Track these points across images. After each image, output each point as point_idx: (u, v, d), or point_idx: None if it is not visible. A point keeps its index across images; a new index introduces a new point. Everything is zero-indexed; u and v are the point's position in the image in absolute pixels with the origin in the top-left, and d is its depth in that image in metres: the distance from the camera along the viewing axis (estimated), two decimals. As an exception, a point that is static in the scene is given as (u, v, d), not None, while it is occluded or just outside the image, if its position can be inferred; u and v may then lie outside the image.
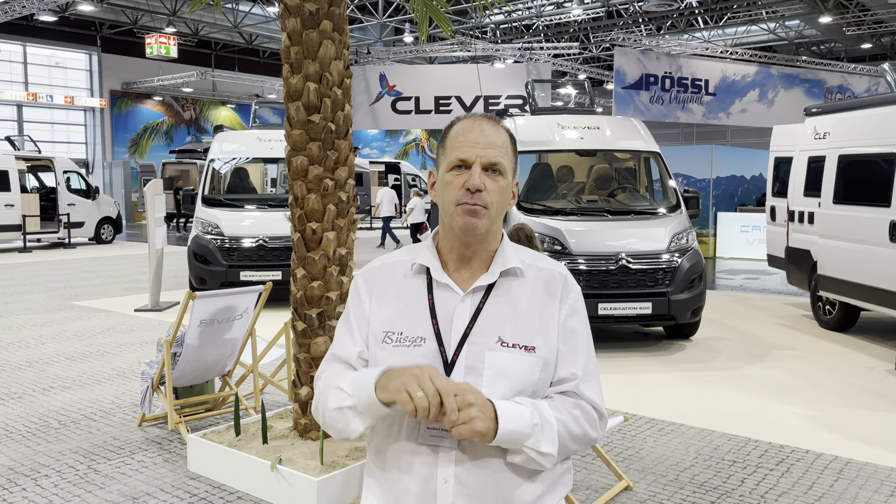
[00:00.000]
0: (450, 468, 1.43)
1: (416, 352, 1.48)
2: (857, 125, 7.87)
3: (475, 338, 1.47)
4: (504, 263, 1.53)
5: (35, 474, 4.30)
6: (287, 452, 4.08)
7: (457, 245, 1.52)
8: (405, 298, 1.53)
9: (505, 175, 1.50)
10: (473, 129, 1.50)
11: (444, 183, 1.50)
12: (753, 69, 23.19)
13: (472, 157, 1.47)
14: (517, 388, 1.45)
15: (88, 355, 7.22)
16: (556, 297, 1.53)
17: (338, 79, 4.27)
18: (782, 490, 4.07)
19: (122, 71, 31.54)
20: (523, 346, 1.47)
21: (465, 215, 1.47)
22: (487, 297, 1.50)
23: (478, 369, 1.45)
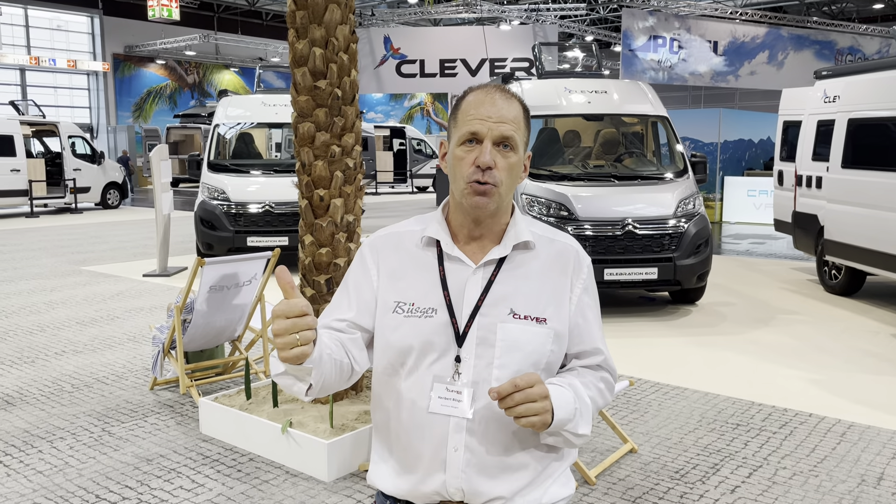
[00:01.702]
0: (460, 437, 1.44)
1: (427, 322, 1.47)
2: (868, 88, 7.78)
3: (487, 310, 1.47)
4: (516, 237, 1.52)
5: (51, 437, 4.39)
6: (297, 416, 4.15)
7: (467, 221, 1.52)
8: (416, 269, 1.52)
9: (516, 150, 1.48)
10: (485, 102, 1.47)
11: (456, 158, 1.48)
12: (763, 30, 22.85)
13: (484, 132, 1.45)
14: (530, 359, 1.46)
15: (99, 320, 7.30)
16: (567, 271, 1.54)
17: (344, 44, 4.24)
18: (785, 453, 4.13)
19: (125, 34, 31.27)
20: (535, 318, 1.47)
21: (475, 195, 1.45)
22: (499, 270, 1.50)
23: (490, 341, 1.45)
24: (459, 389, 1.44)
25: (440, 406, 1.45)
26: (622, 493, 3.67)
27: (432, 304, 1.48)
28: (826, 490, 3.68)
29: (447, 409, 1.44)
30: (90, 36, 31.18)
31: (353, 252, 4.40)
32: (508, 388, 1.32)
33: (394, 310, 1.51)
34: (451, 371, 1.45)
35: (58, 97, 30.49)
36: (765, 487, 3.72)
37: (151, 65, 32.50)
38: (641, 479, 3.81)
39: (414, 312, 1.49)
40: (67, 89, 30.96)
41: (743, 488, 3.71)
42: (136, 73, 32.07)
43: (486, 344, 1.45)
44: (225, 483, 3.79)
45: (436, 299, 1.48)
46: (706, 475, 3.86)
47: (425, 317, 1.48)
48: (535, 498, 1.50)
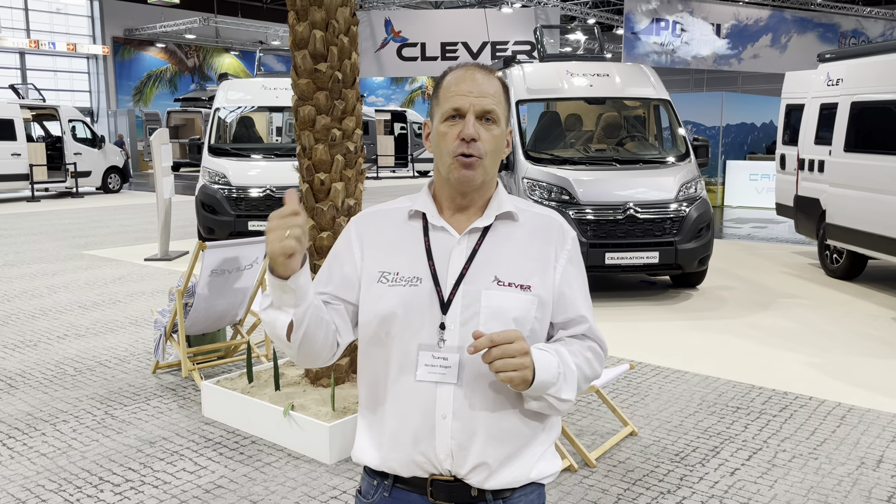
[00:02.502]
0: (448, 404, 1.45)
1: (411, 291, 1.49)
2: (871, 71, 7.74)
3: (471, 277, 1.49)
4: (499, 208, 1.55)
5: (54, 419, 4.42)
6: (299, 399, 4.17)
7: (453, 195, 1.55)
8: (401, 241, 1.55)
9: (498, 123, 1.52)
10: (466, 79, 1.51)
11: (439, 134, 1.52)
12: (766, 13, 22.68)
13: (466, 106, 1.49)
14: (514, 326, 1.47)
15: (101, 304, 7.32)
16: (552, 242, 1.56)
17: (344, 26, 4.22)
18: (785, 436, 4.15)
19: (124, 17, 31.10)
20: (519, 285, 1.49)
21: (462, 168, 1.49)
22: (483, 238, 1.53)
23: (474, 308, 1.47)
24: (446, 356, 1.46)
25: (427, 373, 1.46)
26: (622, 475, 3.69)
27: (417, 273, 1.50)
28: (825, 472, 3.70)
29: (435, 377, 1.46)
30: (90, 19, 31.01)
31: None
32: (485, 343, 1.35)
33: (378, 279, 1.52)
34: (436, 338, 1.47)
35: (58, 81, 30.38)
36: (764, 470, 3.74)
37: (151, 48, 32.35)
38: (641, 462, 3.83)
39: (398, 281, 1.51)
40: (67, 73, 30.85)
41: (742, 471, 3.73)
42: (136, 56, 31.93)
43: (471, 311, 1.47)
44: (227, 465, 3.81)
45: (421, 268, 1.51)
46: (706, 458, 3.88)
47: (410, 285, 1.50)
48: (522, 473, 1.51)
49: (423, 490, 1.49)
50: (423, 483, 1.49)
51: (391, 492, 1.52)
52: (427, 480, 1.48)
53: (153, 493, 3.53)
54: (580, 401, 4.64)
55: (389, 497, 1.52)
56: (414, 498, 1.50)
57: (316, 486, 3.59)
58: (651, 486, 3.57)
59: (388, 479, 1.52)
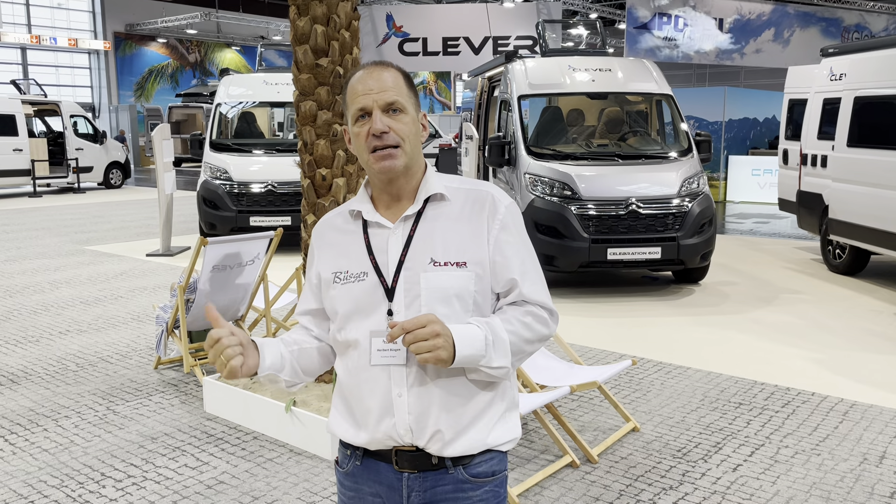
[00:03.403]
0: (402, 383, 1.56)
1: (361, 286, 1.60)
2: (875, 66, 7.71)
3: (410, 263, 1.58)
4: (427, 191, 1.62)
5: (56, 415, 4.42)
6: (301, 395, 4.17)
7: (383, 187, 1.63)
8: (347, 242, 1.66)
9: (406, 111, 1.59)
10: (365, 78, 1.60)
11: (355, 136, 1.61)
12: (769, 7, 22.61)
13: (370, 104, 1.57)
14: (455, 303, 1.56)
15: (103, 299, 7.32)
16: (483, 214, 1.61)
17: (345, 21, 4.20)
18: (787, 431, 4.15)
19: (125, 12, 31.06)
20: (455, 263, 1.57)
21: (381, 160, 1.57)
22: (417, 224, 1.61)
23: (415, 291, 1.57)
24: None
25: (380, 358, 1.57)
26: (624, 471, 3.68)
27: (362, 269, 1.61)
28: (828, 469, 3.70)
29: (387, 360, 1.57)
30: (91, 14, 30.98)
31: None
32: (397, 333, 1.45)
33: (333, 280, 1.65)
34: (384, 325, 1.57)
35: (59, 76, 30.37)
36: (767, 466, 3.73)
37: (153, 43, 32.32)
38: (643, 458, 3.83)
39: (349, 279, 1.62)
40: (69, 68, 30.83)
41: (745, 467, 3.72)
42: (137, 51, 31.90)
43: (412, 294, 1.57)
44: (229, 461, 3.81)
45: (365, 263, 1.62)
46: (708, 454, 3.88)
47: (358, 281, 1.61)
48: (478, 439, 1.60)
49: (389, 460, 1.62)
50: (389, 454, 1.62)
51: (362, 461, 1.66)
52: (392, 451, 1.61)
53: (155, 488, 3.54)
54: (582, 396, 4.63)
55: (361, 465, 1.67)
56: (382, 466, 1.63)
57: (318, 481, 3.59)
58: (653, 482, 3.57)
59: (358, 450, 1.66)
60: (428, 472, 1.60)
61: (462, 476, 1.61)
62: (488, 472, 1.63)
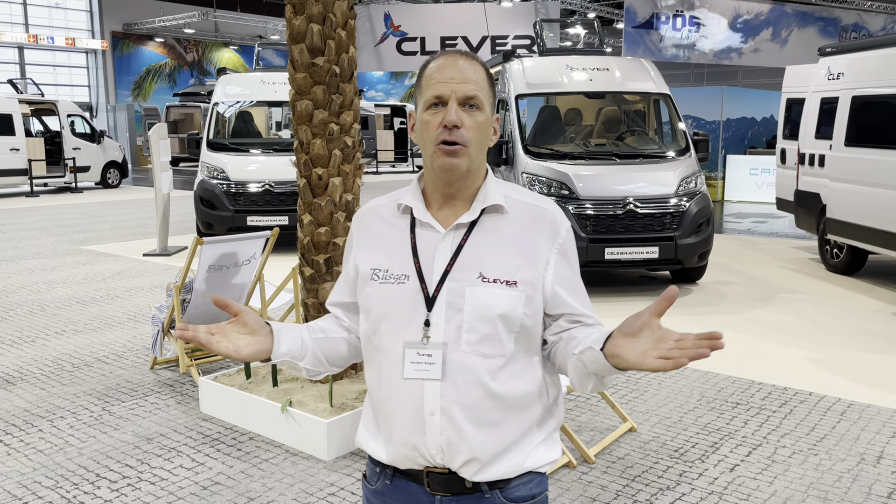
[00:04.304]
0: (435, 400, 1.45)
1: (399, 289, 1.50)
2: (872, 65, 7.70)
3: (456, 274, 1.48)
4: (486, 200, 1.52)
5: (51, 416, 4.40)
6: (297, 395, 4.15)
7: (439, 185, 1.53)
8: (391, 238, 1.55)
9: (482, 110, 1.48)
10: (448, 66, 1.48)
11: (423, 123, 1.49)
12: (767, 7, 22.61)
13: (448, 93, 1.46)
14: (500, 322, 1.46)
15: (99, 299, 7.30)
16: (542, 234, 1.52)
17: (342, 20, 4.19)
18: (785, 431, 4.14)
19: (123, 11, 31.00)
20: (505, 281, 1.47)
21: (445, 156, 1.46)
22: (469, 233, 1.51)
23: (458, 305, 1.46)
24: (430, 352, 1.46)
25: (413, 371, 1.47)
26: (621, 471, 3.67)
27: (404, 271, 1.51)
28: (825, 468, 3.69)
29: (420, 374, 1.46)
30: (88, 14, 30.91)
31: (352, 231, 4.38)
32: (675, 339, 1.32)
33: (371, 277, 1.54)
34: (420, 335, 1.47)
35: (57, 76, 30.30)
36: (764, 466, 3.72)
37: (150, 43, 32.25)
38: (641, 458, 3.82)
39: (388, 279, 1.52)
40: (66, 68, 30.76)
41: (742, 467, 3.72)
42: (134, 51, 31.84)
43: (455, 308, 1.47)
44: (225, 462, 3.80)
45: (407, 266, 1.51)
46: (705, 454, 3.87)
47: (398, 283, 1.51)
48: (516, 462, 1.50)
49: (420, 481, 1.51)
50: (420, 474, 1.51)
51: (392, 480, 1.55)
52: (423, 472, 1.50)
53: (150, 489, 3.52)
54: (579, 397, 4.62)
55: (391, 485, 1.56)
56: (413, 487, 1.53)
57: (314, 482, 3.57)
58: (650, 483, 3.56)
59: (388, 468, 1.55)
60: (463, 495, 1.49)
61: (500, 500, 1.50)
62: (527, 496, 1.52)
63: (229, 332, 1.48)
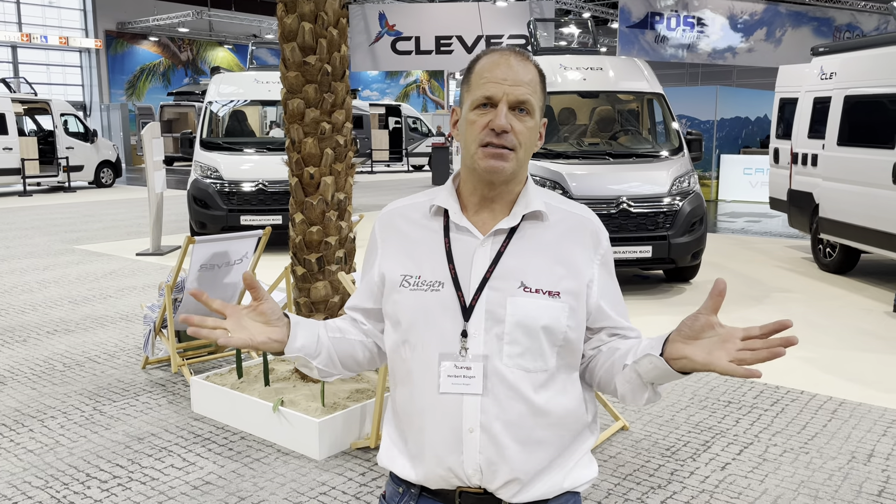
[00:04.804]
0: (475, 416, 1.37)
1: (433, 297, 1.41)
2: (865, 65, 7.73)
3: (496, 283, 1.39)
4: (527, 206, 1.44)
5: (41, 415, 4.38)
6: (289, 394, 4.14)
7: (479, 187, 1.44)
8: (422, 241, 1.46)
9: (533, 115, 1.40)
10: (500, 65, 1.40)
11: (468, 122, 1.41)
12: (761, 7, 22.65)
13: (499, 95, 1.38)
14: (543, 334, 1.39)
15: (91, 299, 7.27)
16: (585, 244, 1.46)
17: (333, 18, 4.18)
18: (776, 430, 4.14)
19: (117, 10, 30.91)
20: (548, 292, 1.39)
21: (490, 159, 1.38)
22: (509, 240, 1.42)
23: (499, 315, 1.38)
24: (469, 365, 1.37)
25: (451, 385, 1.38)
26: (613, 470, 3.67)
27: (439, 278, 1.42)
28: (816, 467, 3.70)
29: (458, 388, 1.37)
30: (82, 12, 30.81)
31: (345, 230, 4.38)
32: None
33: (401, 283, 1.45)
34: (457, 347, 1.38)
35: (50, 75, 30.20)
36: (755, 464, 3.73)
37: (144, 42, 32.17)
38: (632, 457, 3.82)
39: (420, 286, 1.43)
40: (60, 67, 30.65)
41: (733, 465, 3.72)
42: (128, 50, 31.75)
43: (495, 318, 1.38)
44: (216, 462, 3.78)
45: (442, 272, 1.42)
46: (697, 452, 3.87)
47: (432, 290, 1.41)
48: (556, 482, 1.43)
49: (450, 501, 1.43)
50: (451, 495, 1.43)
51: (417, 501, 1.47)
52: (455, 492, 1.42)
53: (141, 489, 3.51)
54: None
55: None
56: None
57: (305, 481, 3.57)
58: (642, 481, 3.56)
59: (414, 487, 1.46)
60: None
61: None
62: None
63: (243, 317, 1.40)
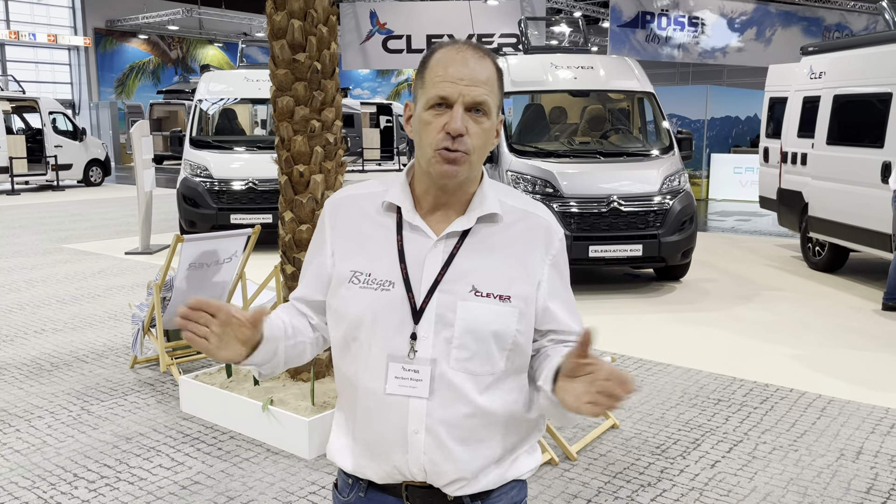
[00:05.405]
0: (420, 419, 1.37)
1: (382, 296, 1.39)
2: (853, 64, 7.76)
3: (447, 286, 1.37)
4: (482, 208, 1.41)
5: (28, 415, 4.34)
6: (278, 393, 4.12)
7: (433, 189, 1.41)
8: (374, 237, 1.43)
9: (490, 115, 1.36)
10: (456, 62, 1.34)
11: (423, 122, 1.36)
12: (751, 6, 22.74)
13: (455, 96, 1.33)
14: (492, 340, 1.38)
15: (79, 298, 7.22)
16: (537, 246, 1.44)
17: (323, 16, 4.16)
18: (765, 427, 4.16)
19: (106, 8, 30.72)
20: (498, 296, 1.37)
21: (444, 164, 1.35)
22: (462, 243, 1.40)
23: (449, 319, 1.36)
24: (417, 368, 1.37)
25: (398, 387, 1.37)
26: (603, 468, 3.67)
27: (390, 277, 1.39)
28: (805, 464, 3.71)
29: (405, 390, 1.37)
30: (71, 10, 30.61)
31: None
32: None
33: (350, 279, 1.42)
34: (406, 349, 1.37)
35: (39, 73, 29.98)
36: (745, 462, 3.74)
37: (134, 40, 31.99)
38: (623, 455, 3.82)
39: (370, 284, 1.40)
40: (48, 64, 30.45)
41: (723, 463, 3.73)
42: (118, 48, 31.56)
43: (445, 322, 1.36)
44: (205, 461, 3.76)
45: (393, 272, 1.39)
46: (687, 450, 3.88)
47: (381, 289, 1.39)
48: (499, 475, 1.44)
49: (398, 494, 1.44)
50: (398, 488, 1.44)
51: (366, 493, 1.47)
52: (402, 486, 1.43)
53: (128, 489, 3.48)
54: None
55: (365, 497, 1.48)
56: (390, 501, 1.45)
57: (294, 481, 3.55)
58: (632, 479, 3.56)
59: (362, 481, 1.47)
60: None
61: None
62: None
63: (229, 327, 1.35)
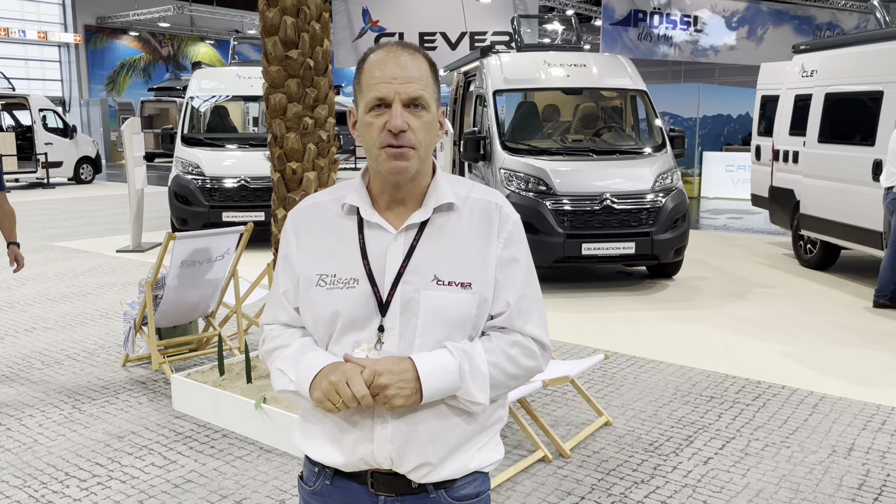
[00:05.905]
0: (385, 411, 1.42)
1: (349, 293, 1.44)
2: (845, 63, 7.79)
3: (409, 277, 1.43)
4: (437, 199, 1.47)
5: (19, 414, 4.32)
6: (271, 392, 4.11)
7: (387, 187, 1.47)
8: (336, 239, 1.49)
9: (429, 109, 1.42)
10: (389, 63, 1.41)
11: (365, 125, 1.43)
12: (743, 5, 22.80)
13: (391, 95, 1.39)
14: (455, 326, 1.43)
15: (70, 296, 7.18)
16: (492, 231, 1.48)
17: (316, 12, 4.15)
18: (758, 424, 4.17)
19: (97, 4, 30.54)
20: (459, 283, 1.43)
21: (392, 160, 1.41)
22: (421, 234, 1.46)
23: (413, 309, 1.42)
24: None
25: None
26: (596, 465, 3.68)
27: (354, 275, 1.45)
28: (797, 461, 3.72)
29: None
30: (61, 6, 30.42)
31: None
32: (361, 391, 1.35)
33: (317, 283, 1.48)
34: (374, 341, 1.43)
35: (29, 70, 29.78)
36: (737, 459, 3.75)
37: (124, 37, 31.82)
38: (616, 452, 3.83)
39: (336, 284, 1.45)
40: (38, 61, 30.25)
41: (716, 460, 3.74)
42: (108, 45, 31.39)
43: (410, 312, 1.42)
44: (197, 459, 3.75)
45: (356, 269, 1.45)
46: (680, 447, 3.89)
47: (347, 287, 1.44)
48: (462, 465, 1.48)
49: (363, 481, 1.49)
50: (364, 475, 1.48)
51: (332, 480, 1.52)
52: (367, 473, 1.48)
53: (120, 487, 3.46)
54: (555, 391, 4.62)
55: (331, 485, 1.52)
56: (355, 488, 1.50)
57: (287, 479, 3.54)
58: (625, 476, 3.57)
59: (328, 469, 1.51)
60: (407, 495, 1.48)
61: (445, 500, 1.49)
62: (472, 494, 1.53)
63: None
